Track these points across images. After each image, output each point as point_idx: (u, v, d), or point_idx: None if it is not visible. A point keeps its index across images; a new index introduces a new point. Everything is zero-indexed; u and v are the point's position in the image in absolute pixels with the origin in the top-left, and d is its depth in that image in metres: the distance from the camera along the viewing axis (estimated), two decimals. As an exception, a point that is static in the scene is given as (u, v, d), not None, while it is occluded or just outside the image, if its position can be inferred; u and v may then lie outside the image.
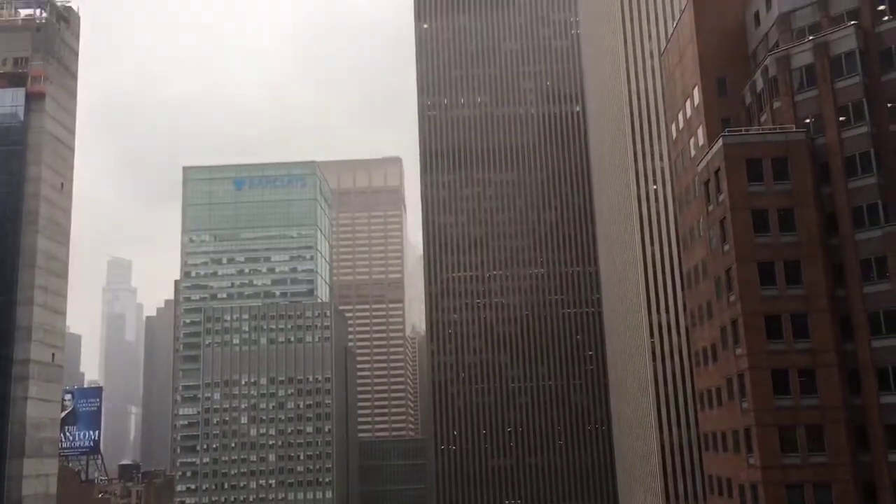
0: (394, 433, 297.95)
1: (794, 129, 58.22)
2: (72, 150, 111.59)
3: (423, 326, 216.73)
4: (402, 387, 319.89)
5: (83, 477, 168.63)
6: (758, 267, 55.89)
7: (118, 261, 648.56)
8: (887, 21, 56.68)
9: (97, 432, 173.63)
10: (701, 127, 67.80)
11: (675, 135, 77.48)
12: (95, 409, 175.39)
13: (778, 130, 58.84)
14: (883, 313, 53.23)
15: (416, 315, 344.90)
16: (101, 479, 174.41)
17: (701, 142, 67.67)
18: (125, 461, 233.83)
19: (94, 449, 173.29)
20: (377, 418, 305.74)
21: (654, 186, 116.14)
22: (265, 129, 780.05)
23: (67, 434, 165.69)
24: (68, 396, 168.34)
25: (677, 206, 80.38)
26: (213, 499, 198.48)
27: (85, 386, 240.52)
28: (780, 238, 56.13)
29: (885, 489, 51.63)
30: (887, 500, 51.42)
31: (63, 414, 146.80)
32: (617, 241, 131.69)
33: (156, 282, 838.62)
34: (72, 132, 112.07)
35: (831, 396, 53.44)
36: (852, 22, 57.46)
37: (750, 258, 56.08)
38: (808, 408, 53.56)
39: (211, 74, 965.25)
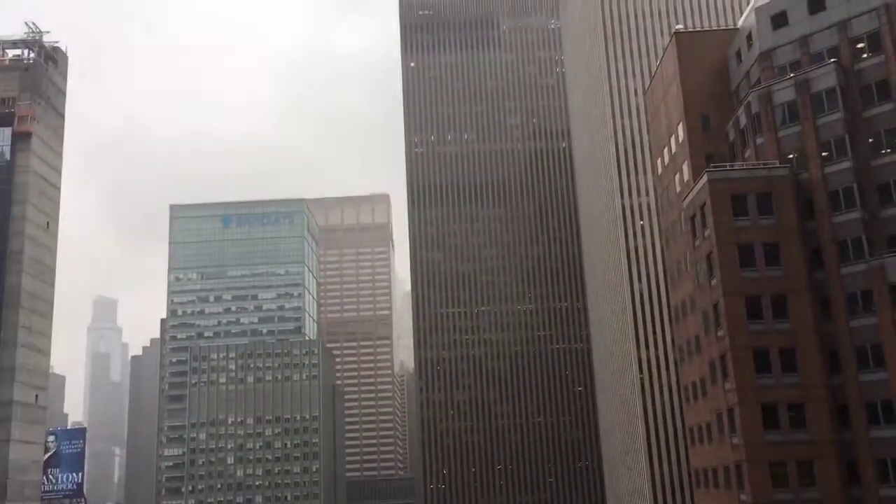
0: (382, 472, 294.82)
1: (778, 165, 58.82)
2: (58, 189, 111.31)
3: (412, 363, 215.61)
4: (390, 424, 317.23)
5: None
6: (745, 301, 56.06)
7: (104, 300, 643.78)
8: (867, 58, 57.61)
9: (80, 474, 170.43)
10: (686, 163, 68.39)
11: (660, 170, 78.11)
12: (79, 450, 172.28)
13: (762, 166, 59.43)
14: (870, 347, 53.36)
15: (404, 352, 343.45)
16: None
17: (686, 177, 68.20)
18: (109, 503, 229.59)
19: (78, 492, 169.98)
20: (365, 457, 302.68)
21: (641, 221, 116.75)
22: (253, 168, 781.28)
23: (50, 477, 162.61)
24: (52, 438, 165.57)
25: (664, 241, 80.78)
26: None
27: (68, 427, 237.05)
28: (766, 272, 56.39)
29: (877, 525, 51.33)
30: (880, 535, 51.11)
31: (46, 456, 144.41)
32: (604, 277, 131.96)
33: (142, 321, 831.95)
34: (58, 171, 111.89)
35: (821, 431, 53.32)
36: (832, 59, 58.37)
37: (737, 292, 56.27)
38: (799, 443, 53.40)
39: (198, 114, 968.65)
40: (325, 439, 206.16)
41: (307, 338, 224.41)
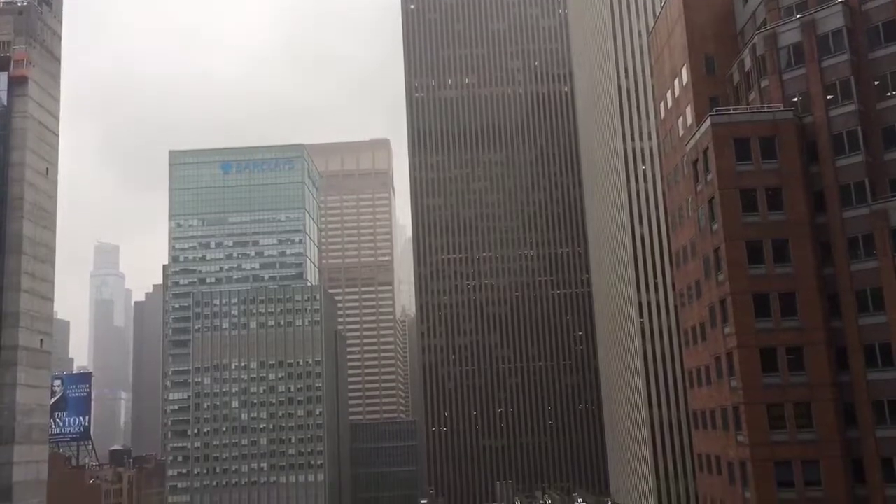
0: (385, 415, 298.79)
1: (782, 108, 58.19)
2: (56, 134, 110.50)
3: (413, 309, 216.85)
4: (392, 369, 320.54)
5: (74, 463, 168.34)
6: (746, 246, 56.02)
7: (105, 246, 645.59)
8: (875, -2, 56.51)
9: (87, 418, 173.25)
10: (689, 106, 67.70)
11: (663, 114, 77.37)
12: (85, 394, 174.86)
13: (766, 110, 58.80)
14: (870, 291, 53.48)
15: (405, 297, 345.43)
16: (92, 465, 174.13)
17: (689, 121, 67.59)
18: (116, 446, 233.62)
19: (85, 435, 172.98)
20: (368, 401, 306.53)
21: (643, 166, 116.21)
22: (251, 114, 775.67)
23: (57, 420, 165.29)
24: (57, 382, 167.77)
25: (666, 186, 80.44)
26: (205, 483, 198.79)
27: (74, 372, 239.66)
28: (768, 217, 56.22)
29: (873, 465, 52.09)
30: (875, 476, 51.89)
31: (53, 400, 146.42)
32: (606, 222, 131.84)
33: (144, 267, 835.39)
34: (56, 117, 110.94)
35: (819, 374, 53.77)
36: (840, 0, 57.32)
37: (738, 237, 56.18)
38: (797, 385, 53.89)
39: (196, 59, 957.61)
40: (328, 383, 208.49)
41: (309, 284, 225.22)
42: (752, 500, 53.58)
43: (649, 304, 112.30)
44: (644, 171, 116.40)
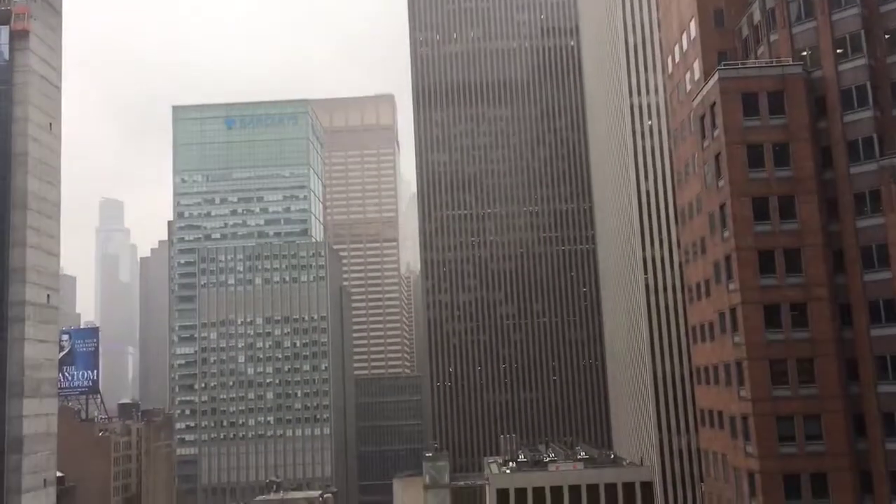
0: (389, 371, 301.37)
1: (791, 63, 57.50)
2: (59, 89, 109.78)
3: (418, 265, 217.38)
4: (397, 325, 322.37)
5: (83, 416, 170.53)
6: (752, 202, 55.80)
7: (110, 202, 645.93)
8: (888, -51, 55.46)
9: (95, 372, 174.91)
10: (697, 60, 66.91)
11: (670, 68, 76.54)
12: (93, 349, 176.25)
13: (774, 64, 58.11)
14: (875, 247, 53.39)
15: (410, 254, 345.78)
16: (101, 418, 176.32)
17: (697, 75, 66.87)
18: (124, 400, 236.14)
19: (93, 388, 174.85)
20: (373, 356, 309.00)
21: (650, 122, 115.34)
22: (254, 68, 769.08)
23: (66, 374, 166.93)
24: (65, 337, 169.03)
25: (672, 142, 79.92)
26: (213, 436, 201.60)
27: (81, 327, 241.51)
28: (774, 173, 55.92)
29: (874, 420, 52.52)
30: (876, 431, 52.34)
31: (61, 355, 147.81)
32: (611, 178, 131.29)
33: (149, 223, 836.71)
34: (58, 71, 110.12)
35: (822, 330, 53.94)
36: (852, -49, 56.24)
37: (744, 193, 55.94)
38: (800, 341, 54.11)
39: (199, 13, 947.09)
40: (334, 338, 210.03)
41: (313, 240, 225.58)
42: (754, 454, 54.15)
43: (654, 260, 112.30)
44: (651, 126, 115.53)
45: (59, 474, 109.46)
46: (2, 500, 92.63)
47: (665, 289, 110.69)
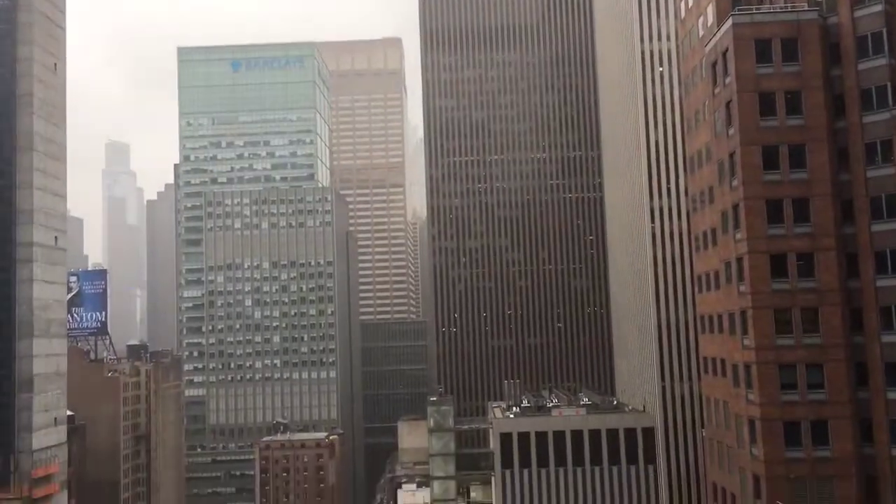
0: (395, 316, 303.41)
1: (806, 8, 56.43)
2: (63, 29, 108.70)
3: (424, 211, 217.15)
4: (403, 271, 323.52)
5: (92, 356, 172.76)
6: (761, 150, 55.32)
7: (116, 144, 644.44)
8: None
9: (104, 313, 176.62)
10: (710, 5, 65.64)
11: (683, 14, 75.19)
12: (101, 291, 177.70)
13: (789, 9, 57.03)
14: (885, 197, 53.03)
15: (416, 200, 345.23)
16: (111, 359, 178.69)
17: (710, 21, 65.67)
18: (133, 342, 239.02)
19: (102, 330, 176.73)
20: (379, 301, 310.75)
21: (660, 68, 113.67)
22: (261, 8, 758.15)
23: (74, 315, 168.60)
24: (73, 279, 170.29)
25: (683, 89, 78.93)
26: (220, 377, 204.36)
27: (89, 269, 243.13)
28: (786, 121, 55.31)
29: (876, 370, 52.80)
30: (878, 380, 52.67)
31: (69, 296, 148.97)
32: (620, 125, 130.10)
33: (155, 166, 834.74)
34: (62, 11, 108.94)
35: (829, 279, 53.91)
36: None
37: (754, 142, 55.42)
38: (805, 290, 54.15)
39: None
40: (340, 283, 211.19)
41: (320, 185, 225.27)
42: (755, 401, 54.64)
43: (661, 209, 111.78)
44: (661, 73, 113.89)
45: (69, 413, 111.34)
46: (13, 437, 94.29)
47: (672, 238, 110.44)
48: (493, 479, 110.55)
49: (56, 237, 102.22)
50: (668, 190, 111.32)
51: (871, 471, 52.63)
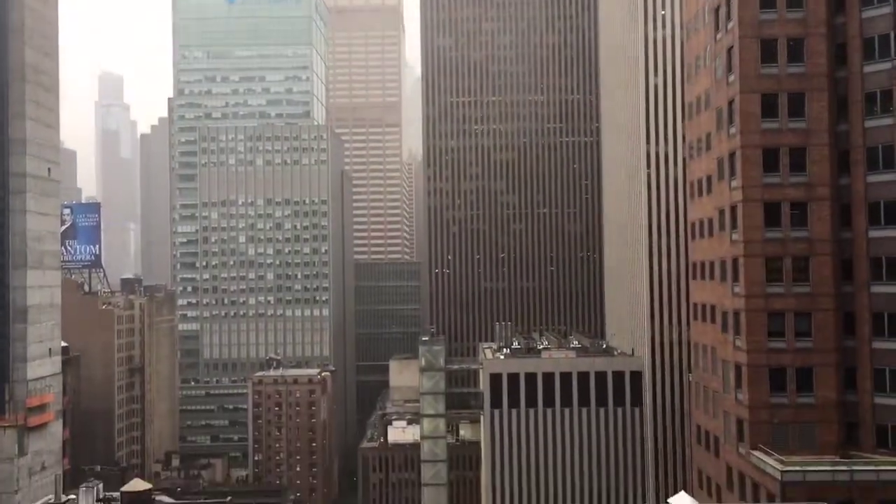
0: (389, 256, 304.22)
1: (813, -47, 55.48)
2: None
3: (420, 151, 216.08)
4: (397, 211, 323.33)
5: (86, 289, 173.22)
6: (761, 99, 55.01)
7: (109, 76, 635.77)
8: None
9: (97, 246, 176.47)
10: (716, -52, 64.45)
11: (687, -44, 73.86)
12: (94, 223, 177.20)
13: (795, -46, 56.05)
14: (882, 147, 52.93)
15: (412, 140, 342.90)
16: (105, 292, 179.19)
17: (714, -36, 64.55)
18: (127, 275, 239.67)
19: (96, 263, 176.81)
20: (373, 241, 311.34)
21: (663, 12, 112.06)
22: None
23: (68, 248, 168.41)
24: (67, 211, 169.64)
25: (685, 34, 77.99)
26: (214, 313, 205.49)
27: (83, 201, 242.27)
28: (786, 69, 54.86)
29: (864, 320, 53.38)
30: (865, 330, 53.29)
31: (63, 228, 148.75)
32: (620, 69, 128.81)
33: (148, 99, 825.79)
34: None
35: (821, 230, 54.13)
36: None
37: (754, 89, 55.06)
38: (798, 240, 54.42)
39: None
40: (334, 222, 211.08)
41: (316, 122, 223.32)
42: (743, 347, 55.38)
43: (658, 155, 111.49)
44: (663, 16, 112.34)
45: (63, 345, 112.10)
46: (8, 367, 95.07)
47: (667, 185, 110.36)
48: (482, 417, 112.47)
49: (49, 168, 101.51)
50: (666, 136, 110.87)
51: (852, 418, 53.65)
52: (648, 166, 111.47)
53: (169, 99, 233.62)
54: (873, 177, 53.25)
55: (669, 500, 25.69)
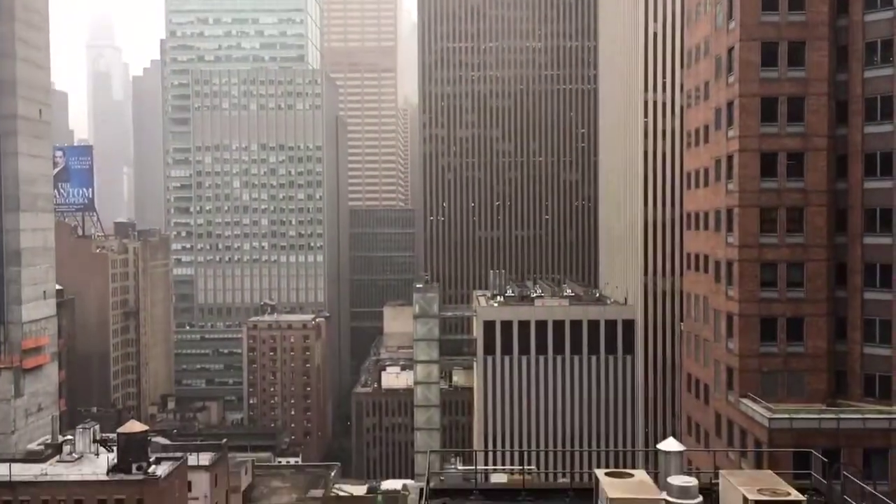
0: (384, 203, 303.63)
1: None
2: None
3: (416, 98, 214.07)
4: (392, 157, 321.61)
5: (80, 233, 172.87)
6: (761, 47, 54.41)
7: (100, 16, 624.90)
8: None
9: (90, 190, 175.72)
10: None
11: None
12: (87, 167, 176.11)
13: None
14: (880, 98, 52.60)
15: (408, 86, 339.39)
16: (98, 235, 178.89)
17: None
18: (120, 219, 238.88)
19: (89, 206, 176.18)
20: (368, 188, 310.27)
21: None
22: None
23: (61, 191, 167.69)
24: (59, 154, 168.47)
25: (685, -21, 76.68)
26: (208, 258, 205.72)
27: (75, 144, 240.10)
28: (787, 17, 54.16)
29: (855, 270, 53.70)
30: (857, 280, 53.62)
31: (55, 171, 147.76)
32: (618, 16, 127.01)
33: (140, 41, 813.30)
34: None
35: (817, 181, 54.06)
36: None
37: (754, 37, 54.41)
38: (793, 190, 54.37)
39: None
40: (329, 168, 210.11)
41: (310, 66, 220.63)
42: (735, 297, 55.72)
43: (655, 103, 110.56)
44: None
45: (58, 287, 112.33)
46: (3, 309, 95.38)
47: (664, 134, 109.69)
48: (475, 364, 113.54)
49: (40, 110, 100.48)
50: (664, 84, 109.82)
51: (841, 367, 54.31)
52: (645, 115, 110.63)
53: (161, 41, 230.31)
54: (871, 128, 53.02)
55: (658, 446, 25.98)
